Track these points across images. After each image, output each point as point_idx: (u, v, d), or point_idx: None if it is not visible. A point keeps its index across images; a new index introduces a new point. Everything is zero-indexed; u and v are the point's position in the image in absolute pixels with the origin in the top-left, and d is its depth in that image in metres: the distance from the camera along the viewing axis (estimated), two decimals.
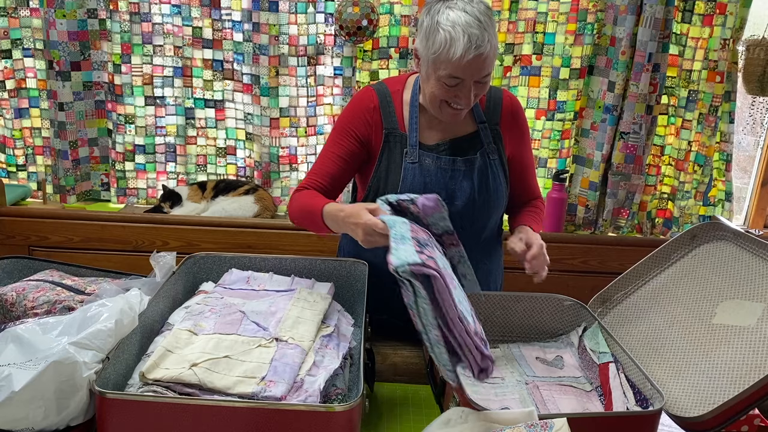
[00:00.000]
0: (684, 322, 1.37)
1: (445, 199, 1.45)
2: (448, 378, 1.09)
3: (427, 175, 1.49)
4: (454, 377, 1.08)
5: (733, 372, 1.21)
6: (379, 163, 1.53)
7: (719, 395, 1.18)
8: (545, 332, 1.53)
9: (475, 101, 1.43)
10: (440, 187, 1.49)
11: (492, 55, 1.35)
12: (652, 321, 1.43)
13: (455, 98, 1.40)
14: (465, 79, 1.36)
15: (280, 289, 1.39)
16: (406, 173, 1.49)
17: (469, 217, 1.52)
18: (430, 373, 1.32)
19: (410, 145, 1.50)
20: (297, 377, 1.08)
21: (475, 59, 1.32)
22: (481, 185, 1.51)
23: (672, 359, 1.32)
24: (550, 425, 0.93)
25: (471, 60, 1.32)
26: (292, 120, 2.68)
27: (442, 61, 1.35)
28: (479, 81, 1.38)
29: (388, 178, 1.51)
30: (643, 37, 2.46)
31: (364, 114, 1.53)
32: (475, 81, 1.37)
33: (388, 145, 1.52)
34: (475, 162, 1.51)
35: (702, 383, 1.23)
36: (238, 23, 2.58)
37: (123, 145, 2.67)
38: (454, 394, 1.13)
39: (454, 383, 1.09)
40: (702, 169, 2.65)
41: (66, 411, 1.01)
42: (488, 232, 1.59)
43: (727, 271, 1.39)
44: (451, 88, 1.38)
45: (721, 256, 1.43)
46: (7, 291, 1.28)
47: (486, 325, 1.52)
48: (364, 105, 1.54)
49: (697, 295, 1.40)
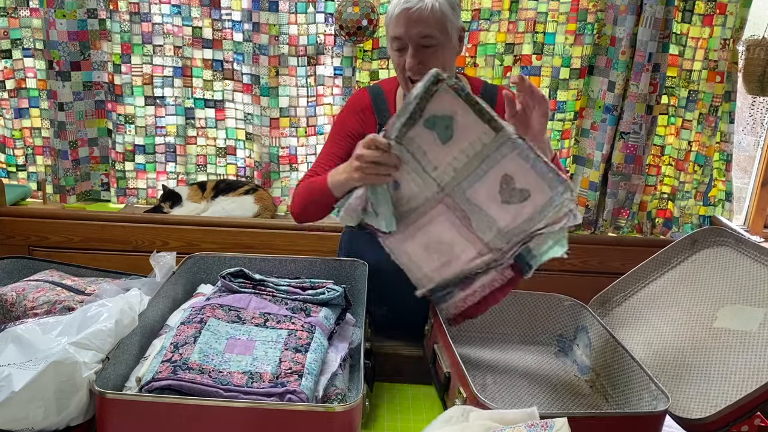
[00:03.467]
0: (685, 325, 1.37)
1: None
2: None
3: None
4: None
5: (735, 375, 1.21)
6: None
7: (722, 398, 1.18)
8: (544, 332, 1.53)
9: (421, 68, 1.39)
10: None
11: (427, 15, 1.37)
12: (653, 323, 1.43)
13: (406, 67, 1.42)
14: (403, 40, 1.40)
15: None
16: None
17: None
18: (433, 367, 1.31)
19: None
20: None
21: (404, 13, 1.37)
22: None
23: (673, 361, 1.32)
24: (550, 425, 0.93)
25: (400, 15, 1.38)
26: (292, 120, 2.68)
27: (387, 26, 1.44)
28: (420, 45, 1.39)
29: None
30: (643, 37, 2.46)
31: (357, 114, 1.57)
32: (415, 46, 1.39)
33: None
34: None
35: (704, 386, 1.23)
36: (238, 23, 2.58)
37: (123, 145, 2.67)
38: (459, 389, 1.13)
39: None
40: (702, 169, 2.65)
41: (66, 411, 1.01)
42: None
43: (728, 276, 1.40)
44: (399, 53, 1.43)
45: (721, 261, 1.44)
46: (7, 291, 1.28)
47: (483, 323, 1.52)
48: (357, 105, 1.58)
49: (698, 299, 1.40)
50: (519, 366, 1.43)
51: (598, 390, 1.34)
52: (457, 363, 1.16)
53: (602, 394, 1.33)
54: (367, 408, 1.16)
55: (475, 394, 1.07)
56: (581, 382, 1.38)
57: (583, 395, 1.33)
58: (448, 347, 1.23)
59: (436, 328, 1.35)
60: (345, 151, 1.54)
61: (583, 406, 1.30)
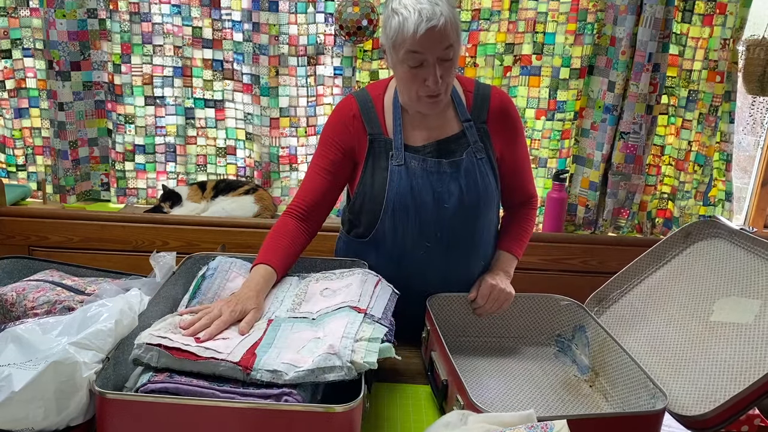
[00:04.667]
0: (681, 320, 1.38)
1: (433, 202, 1.46)
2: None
3: (414, 177, 1.47)
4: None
5: (733, 369, 1.21)
6: (365, 169, 1.51)
7: (720, 393, 1.18)
8: (542, 333, 1.53)
9: (444, 85, 1.40)
10: (427, 189, 1.47)
11: (448, 28, 1.34)
12: (650, 319, 1.44)
13: (424, 83, 1.38)
14: (425, 56, 1.35)
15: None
16: (393, 176, 1.48)
17: (459, 218, 1.50)
18: (431, 375, 1.32)
19: (395, 148, 1.48)
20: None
21: (429, 32, 1.32)
22: (469, 186, 1.48)
23: (671, 357, 1.32)
24: (550, 426, 0.93)
25: (424, 34, 1.32)
26: (292, 120, 2.68)
27: (399, 43, 1.36)
28: (442, 59, 1.36)
29: (374, 183, 1.50)
30: (643, 37, 2.46)
31: (344, 123, 1.52)
32: (438, 59, 1.36)
33: (372, 150, 1.50)
34: (461, 163, 1.49)
35: (702, 381, 1.23)
36: (238, 23, 2.58)
37: (123, 145, 2.67)
38: (457, 396, 1.13)
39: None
40: (702, 169, 2.65)
41: (66, 411, 1.01)
42: (481, 233, 1.56)
43: (723, 268, 1.39)
44: (415, 70, 1.38)
45: (715, 253, 1.43)
46: (7, 291, 1.28)
47: (481, 324, 1.52)
48: (344, 114, 1.53)
49: (694, 292, 1.40)
50: (518, 367, 1.43)
51: (598, 389, 1.34)
52: (455, 371, 1.16)
53: (602, 393, 1.33)
54: (367, 408, 1.16)
55: (473, 402, 1.07)
56: (581, 382, 1.39)
57: (583, 395, 1.34)
58: (445, 355, 1.23)
59: (433, 336, 1.35)
60: (330, 162, 1.51)
61: (583, 406, 1.30)
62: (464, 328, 1.51)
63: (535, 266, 2.54)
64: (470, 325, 1.51)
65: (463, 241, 1.53)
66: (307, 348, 1.11)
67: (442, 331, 1.32)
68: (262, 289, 1.31)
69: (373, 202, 1.50)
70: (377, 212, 1.50)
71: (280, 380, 1.03)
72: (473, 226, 1.53)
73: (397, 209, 1.48)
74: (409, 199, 1.47)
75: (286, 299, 1.33)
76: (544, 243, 2.56)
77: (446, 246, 1.51)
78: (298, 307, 1.29)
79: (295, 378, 1.03)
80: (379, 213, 1.50)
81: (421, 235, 1.50)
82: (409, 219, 1.48)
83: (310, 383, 1.05)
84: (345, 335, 1.12)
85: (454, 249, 1.52)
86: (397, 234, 1.51)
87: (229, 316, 1.20)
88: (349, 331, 1.13)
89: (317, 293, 1.33)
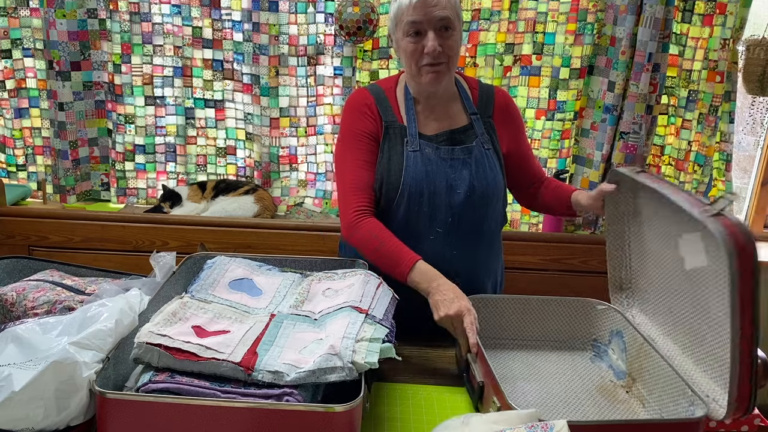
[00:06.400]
0: (678, 284, 1.28)
1: (446, 188, 1.51)
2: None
3: (429, 163, 1.52)
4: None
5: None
6: (381, 155, 1.55)
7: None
8: (578, 337, 1.49)
9: (445, 57, 1.48)
10: (441, 176, 1.52)
11: (444, 1, 1.45)
12: (668, 300, 1.34)
13: (423, 54, 1.47)
14: (423, 24, 1.45)
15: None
16: (408, 161, 1.52)
17: (469, 206, 1.54)
18: (467, 376, 1.30)
19: (410, 135, 1.54)
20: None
21: (423, 1, 1.44)
22: (479, 173, 1.54)
23: (706, 357, 1.21)
24: (550, 426, 0.93)
25: (419, 2, 1.44)
26: (292, 120, 2.68)
27: (399, 17, 1.48)
28: (440, 29, 1.46)
29: (390, 168, 1.53)
30: (643, 37, 2.46)
31: (362, 111, 1.57)
32: (435, 30, 1.45)
33: (388, 136, 1.55)
34: (473, 150, 1.55)
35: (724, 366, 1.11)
36: (238, 23, 2.58)
37: (123, 145, 2.67)
38: (494, 398, 1.12)
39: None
40: (702, 169, 2.65)
41: (66, 411, 1.01)
42: (488, 224, 1.60)
43: (661, 211, 1.32)
44: (416, 40, 1.47)
45: (647, 213, 1.36)
46: (7, 291, 1.28)
47: (515, 330, 1.49)
48: (360, 103, 1.58)
49: (663, 242, 1.31)
50: (554, 372, 1.40)
51: (635, 395, 1.31)
52: (491, 373, 1.15)
53: (639, 399, 1.29)
54: (367, 408, 1.16)
55: (509, 404, 1.05)
56: (617, 387, 1.35)
57: (620, 401, 1.30)
58: (482, 357, 1.22)
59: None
60: (369, 153, 1.55)
61: (619, 412, 1.26)
62: (499, 331, 1.49)
63: (535, 266, 2.54)
64: (505, 328, 1.49)
65: (472, 230, 1.56)
66: (308, 349, 1.12)
67: (478, 333, 1.29)
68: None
69: (389, 186, 1.54)
70: (392, 197, 1.54)
71: (282, 381, 1.03)
72: (482, 215, 1.57)
73: (412, 194, 1.52)
74: (424, 185, 1.51)
75: (289, 295, 1.34)
76: (544, 243, 2.56)
77: (455, 233, 1.55)
78: (300, 305, 1.29)
79: (296, 379, 1.03)
80: (393, 197, 1.53)
81: (433, 221, 1.53)
82: (422, 204, 1.52)
83: (311, 383, 1.05)
84: (346, 335, 1.12)
85: (463, 237, 1.55)
86: (410, 220, 1.54)
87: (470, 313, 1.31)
88: (351, 332, 1.14)
89: (319, 293, 1.33)
